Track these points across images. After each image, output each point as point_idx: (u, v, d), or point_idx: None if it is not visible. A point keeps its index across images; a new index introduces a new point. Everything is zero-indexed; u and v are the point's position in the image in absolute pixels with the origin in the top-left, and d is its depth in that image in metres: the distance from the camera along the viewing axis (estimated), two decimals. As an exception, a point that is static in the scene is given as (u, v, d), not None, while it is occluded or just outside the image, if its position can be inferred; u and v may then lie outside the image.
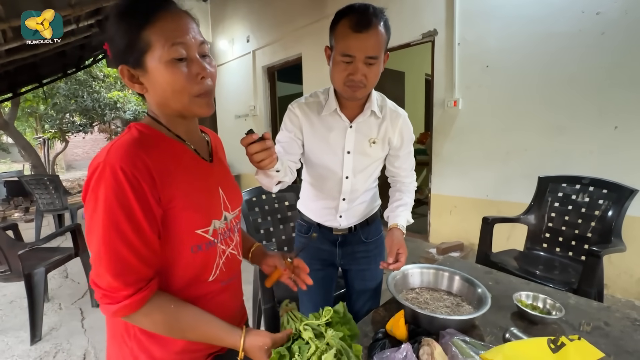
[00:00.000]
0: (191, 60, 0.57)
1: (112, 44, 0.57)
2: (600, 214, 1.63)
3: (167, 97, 0.58)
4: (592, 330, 0.90)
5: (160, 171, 0.55)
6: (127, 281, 0.52)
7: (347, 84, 0.88)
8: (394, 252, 0.97)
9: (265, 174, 0.83)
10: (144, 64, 0.55)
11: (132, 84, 0.58)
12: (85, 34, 3.96)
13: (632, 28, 1.98)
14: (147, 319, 0.55)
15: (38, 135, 11.66)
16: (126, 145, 0.53)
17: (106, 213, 0.50)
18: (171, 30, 0.55)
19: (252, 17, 4.97)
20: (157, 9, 0.55)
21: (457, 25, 2.72)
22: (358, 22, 0.82)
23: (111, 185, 0.50)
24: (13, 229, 2.20)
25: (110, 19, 0.56)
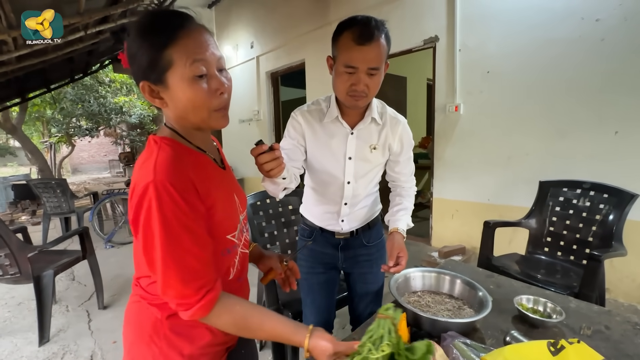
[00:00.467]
0: (211, 76, 0.59)
1: (133, 61, 0.59)
2: (601, 219, 1.64)
3: (188, 111, 0.60)
4: (592, 334, 0.91)
5: (200, 183, 0.59)
6: (195, 287, 0.56)
7: (349, 94, 0.91)
8: (394, 255, 0.99)
9: (272, 181, 0.86)
10: (165, 81, 0.58)
11: (153, 98, 0.60)
12: (93, 40, 4.04)
13: (632, 35, 2.00)
14: (219, 320, 0.59)
15: (45, 139, 11.80)
16: (169, 162, 0.56)
17: (166, 229, 0.53)
18: (192, 48, 0.57)
19: (256, 24, 5.04)
20: (178, 27, 0.57)
21: (457, 31, 2.75)
22: (361, 35, 0.85)
23: (165, 202, 0.53)
24: (22, 231, 2.24)
25: (132, 36, 0.58)
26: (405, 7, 3.13)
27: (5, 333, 2.08)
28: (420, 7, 3.01)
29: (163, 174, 0.54)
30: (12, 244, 1.84)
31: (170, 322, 0.63)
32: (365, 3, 3.44)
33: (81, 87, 8.85)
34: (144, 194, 0.53)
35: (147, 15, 0.59)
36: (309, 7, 4.09)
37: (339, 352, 0.62)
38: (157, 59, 0.56)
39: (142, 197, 0.54)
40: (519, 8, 2.43)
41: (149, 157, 0.58)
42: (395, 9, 3.20)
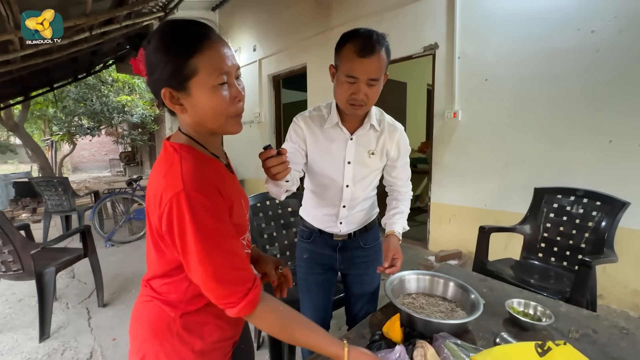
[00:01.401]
0: (230, 85, 0.63)
1: (155, 68, 0.60)
2: (593, 225, 1.67)
3: (207, 118, 0.63)
4: (580, 337, 0.94)
5: (222, 188, 0.62)
6: (236, 287, 0.59)
7: (349, 102, 0.95)
8: (389, 257, 1.02)
9: (275, 183, 0.89)
10: (188, 88, 0.60)
11: (173, 105, 0.62)
12: (97, 41, 4.09)
13: (626, 46, 2.05)
14: (262, 320, 0.62)
15: (46, 137, 11.83)
16: (194, 170, 0.59)
17: (201, 236, 0.56)
18: (216, 58, 0.60)
19: (259, 28, 5.10)
20: (204, 37, 0.60)
21: (457, 39, 2.80)
22: (363, 47, 0.89)
23: (198, 211, 0.56)
24: (25, 229, 2.27)
25: (156, 44, 0.60)
26: (406, 15, 3.18)
27: (7, 329, 2.11)
28: (421, 14, 3.06)
29: (191, 183, 0.57)
30: (16, 241, 1.87)
31: (183, 320, 0.66)
32: (367, 10, 3.50)
33: (84, 86, 8.90)
34: (176, 204, 0.56)
35: (172, 25, 0.61)
36: (312, 12, 4.15)
37: None
38: (182, 67, 0.59)
39: (174, 207, 0.56)
40: (517, 18, 2.49)
41: (172, 166, 0.60)
42: (396, 16, 3.26)
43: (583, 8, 2.18)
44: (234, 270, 0.59)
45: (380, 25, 3.39)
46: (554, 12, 2.30)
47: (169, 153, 0.63)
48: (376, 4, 3.40)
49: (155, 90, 0.63)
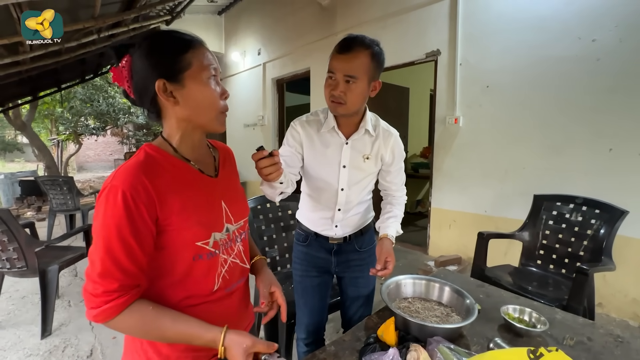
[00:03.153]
0: (217, 82, 0.69)
1: (148, 67, 0.63)
2: (592, 233, 1.67)
3: (199, 110, 0.67)
4: (575, 345, 0.94)
5: (161, 192, 0.62)
6: (110, 288, 0.57)
7: (330, 99, 1.00)
8: (382, 259, 1.04)
9: (270, 185, 0.91)
10: (182, 80, 0.64)
11: (166, 97, 0.64)
12: (105, 43, 4.16)
13: (626, 56, 2.06)
14: (125, 322, 0.59)
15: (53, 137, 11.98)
16: (130, 169, 0.60)
17: (103, 230, 0.57)
18: (206, 57, 0.66)
19: (264, 32, 5.16)
20: (192, 40, 0.67)
21: (459, 46, 2.82)
22: (342, 46, 0.95)
23: (111, 207, 0.57)
24: (30, 227, 2.31)
25: (149, 47, 0.64)
26: (409, 21, 3.21)
27: (9, 325, 2.14)
28: (424, 21, 3.09)
29: (120, 179, 0.59)
30: (21, 238, 1.90)
31: None
32: (370, 16, 3.53)
33: (91, 87, 9.03)
34: (101, 194, 0.59)
35: (161, 32, 0.66)
36: (316, 18, 4.19)
37: (258, 348, 0.62)
38: (177, 61, 0.63)
39: (99, 196, 0.60)
40: (518, 27, 2.51)
41: (125, 163, 0.63)
42: (399, 22, 3.29)
43: (584, 17, 2.20)
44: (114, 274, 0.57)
45: (383, 31, 3.42)
46: (555, 21, 2.32)
47: (137, 151, 0.68)
48: (379, 10, 3.44)
49: (145, 88, 0.64)
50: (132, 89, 0.66)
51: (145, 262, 0.61)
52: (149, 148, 0.67)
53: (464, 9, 2.78)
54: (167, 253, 0.65)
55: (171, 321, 0.61)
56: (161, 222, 0.62)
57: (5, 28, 2.68)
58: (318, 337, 1.25)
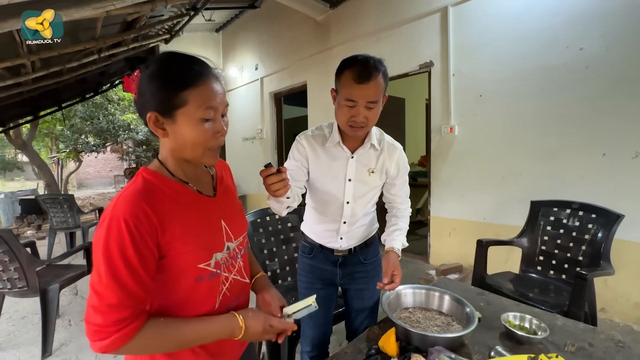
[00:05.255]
0: (215, 120, 0.66)
1: (145, 91, 0.63)
2: (590, 238, 1.68)
3: (186, 147, 0.66)
4: (576, 351, 0.94)
5: (162, 217, 0.62)
6: (122, 316, 0.57)
7: (349, 124, 1.00)
8: (389, 273, 1.05)
9: (277, 200, 0.92)
10: (174, 116, 0.63)
11: (156, 128, 0.65)
12: (105, 62, 4.26)
13: (613, 63, 2.11)
14: (140, 343, 0.59)
15: (53, 155, 12.05)
16: (130, 197, 0.60)
17: (107, 260, 0.56)
18: (207, 95, 0.64)
19: (261, 47, 5.27)
20: (199, 74, 0.63)
21: (451, 57, 2.89)
22: (360, 74, 0.94)
23: (115, 237, 0.57)
24: (31, 246, 2.31)
25: (153, 70, 0.63)
26: (402, 34, 3.30)
27: (9, 346, 2.12)
28: (416, 34, 3.18)
29: (121, 208, 0.58)
30: (22, 258, 1.91)
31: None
32: (364, 30, 3.63)
33: (91, 105, 9.15)
34: (101, 223, 0.59)
35: (172, 56, 0.65)
36: (311, 32, 4.30)
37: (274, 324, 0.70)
38: (172, 96, 0.62)
39: (100, 225, 0.59)
40: (507, 37, 2.58)
41: (123, 190, 0.63)
42: (392, 36, 3.38)
43: (570, 27, 2.27)
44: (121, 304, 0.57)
45: (377, 44, 3.51)
46: (544, 31, 2.39)
47: (133, 178, 0.67)
48: (373, 24, 3.53)
49: (141, 111, 0.66)
50: (136, 103, 0.67)
51: (151, 285, 0.62)
52: (146, 173, 0.67)
53: (455, 22, 2.87)
54: (168, 276, 0.65)
55: (186, 325, 0.64)
56: (163, 247, 0.63)
57: (8, 51, 2.76)
58: (323, 350, 1.25)
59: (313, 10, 4.06)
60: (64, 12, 2.13)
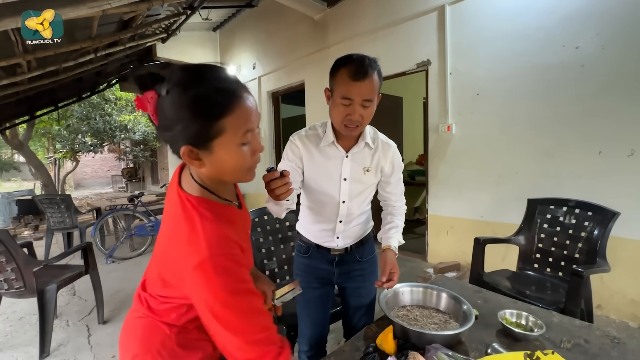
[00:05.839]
0: (252, 139, 0.63)
1: (175, 124, 0.57)
2: (586, 235, 1.69)
3: (225, 173, 0.63)
4: (572, 347, 0.95)
5: (238, 238, 0.62)
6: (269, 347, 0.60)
7: (345, 123, 1.00)
8: (387, 271, 1.06)
9: (276, 202, 0.92)
10: (210, 147, 0.59)
11: (191, 160, 0.60)
12: (102, 62, 4.24)
13: (609, 61, 2.12)
14: None
15: (49, 155, 11.99)
16: (216, 234, 0.59)
17: (229, 302, 0.57)
18: (244, 117, 0.59)
19: (259, 46, 5.26)
20: (232, 98, 0.58)
21: (448, 56, 2.90)
22: (356, 72, 0.94)
23: (224, 277, 0.56)
24: (28, 246, 2.30)
25: (179, 100, 0.56)
26: (399, 33, 3.30)
27: (7, 347, 2.11)
28: (413, 33, 3.18)
29: (216, 247, 0.57)
30: (19, 258, 1.90)
31: (178, 337, 0.68)
32: (362, 29, 3.63)
33: (88, 105, 9.11)
34: (202, 272, 0.56)
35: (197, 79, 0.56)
36: (309, 32, 4.29)
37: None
38: (208, 128, 0.57)
39: (200, 275, 0.56)
40: (504, 36, 2.58)
41: (193, 230, 0.59)
42: (389, 35, 3.38)
43: (567, 26, 2.28)
44: (264, 331, 0.59)
45: (374, 43, 3.51)
46: (540, 30, 2.39)
47: (187, 210, 0.61)
48: (370, 23, 3.53)
49: (169, 142, 0.61)
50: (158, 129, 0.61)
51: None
52: (202, 204, 0.62)
53: (452, 20, 2.87)
54: None
55: None
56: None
57: (3, 50, 2.74)
58: (320, 348, 1.26)
59: (310, 9, 4.06)
60: (59, 11, 2.12)
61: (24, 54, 2.81)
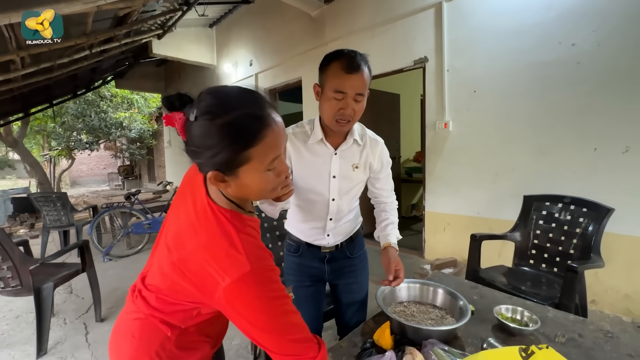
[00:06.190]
0: (278, 164, 0.63)
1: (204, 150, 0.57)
2: (581, 232, 1.71)
3: (250, 195, 0.65)
4: (566, 342, 0.97)
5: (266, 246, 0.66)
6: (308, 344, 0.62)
7: (336, 119, 0.99)
8: (392, 269, 1.05)
9: (271, 203, 0.92)
10: (236, 173, 0.59)
11: (217, 182, 0.61)
12: (97, 58, 4.20)
13: (605, 59, 2.13)
14: None
15: (45, 152, 11.89)
16: (254, 247, 0.61)
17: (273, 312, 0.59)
18: (271, 146, 0.59)
19: (255, 43, 5.23)
20: (263, 128, 0.57)
21: (445, 53, 2.90)
22: (349, 64, 0.94)
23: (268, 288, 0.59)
24: (24, 245, 2.29)
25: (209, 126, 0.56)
26: (396, 30, 3.29)
27: (4, 346, 2.10)
28: (411, 30, 3.17)
29: (257, 261, 0.59)
30: (15, 256, 1.89)
31: (178, 339, 0.68)
32: (359, 25, 3.62)
33: (83, 102, 9.03)
34: (246, 284, 0.58)
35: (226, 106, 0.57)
36: (306, 28, 4.27)
37: None
38: (236, 157, 0.57)
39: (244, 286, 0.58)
40: (501, 33, 2.59)
41: (233, 245, 0.60)
42: (386, 31, 3.37)
43: (563, 23, 2.28)
44: (303, 331, 0.63)
45: (372, 40, 3.50)
46: (537, 27, 2.40)
47: (222, 223, 0.62)
48: (367, 20, 3.52)
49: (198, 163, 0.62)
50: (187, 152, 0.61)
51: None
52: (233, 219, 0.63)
53: (449, 17, 2.87)
54: None
55: None
56: None
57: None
58: None
59: (307, 6, 4.03)
60: (53, 7, 2.10)
61: (18, 50, 2.78)
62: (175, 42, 5.42)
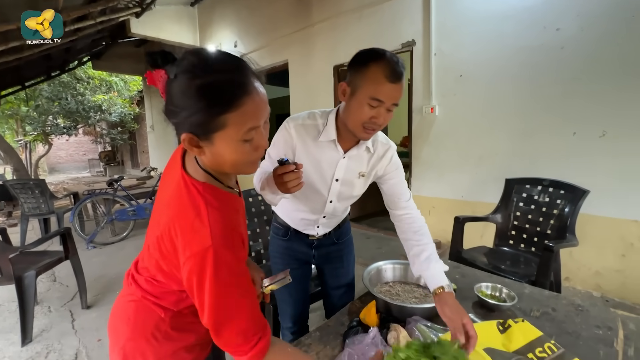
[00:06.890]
0: (256, 135, 0.60)
1: (179, 110, 0.56)
2: (558, 213, 1.79)
3: (224, 165, 0.62)
4: (540, 315, 1.03)
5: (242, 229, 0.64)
6: (247, 337, 0.60)
7: (365, 126, 0.90)
8: (459, 325, 0.82)
9: (273, 191, 0.89)
10: (212, 138, 0.57)
11: (191, 147, 0.59)
12: (71, 37, 3.96)
13: (587, 44, 2.17)
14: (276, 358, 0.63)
15: (19, 138, 11.34)
16: (222, 222, 0.59)
17: (220, 292, 0.57)
18: (249, 116, 0.56)
19: (240, 24, 5.05)
20: (242, 93, 0.55)
21: (433, 37, 2.88)
22: (392, 72, 0.84)
23: (221, 268, 0.57)
24: (2, 233, 2.21)
25: (186, 87, 0.54)
26: (384, 12, 3.23)
27: (-14, 335, 2.07)
28: (399, 12, 3.13)
29: (220, 238, 0.57)
30: (-7, 245, 1.83)
31: (172, 321, 0.69)
32: (347, 7, 3.53)
33: (58, 84, 8.57)
34: (201, 259, 0.56)
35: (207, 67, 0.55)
36: (292, 9, 4.14)
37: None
38: (210, 120, 0.55)
39: (198, 261, 0.56)
40: (488, 17, 2.58)
41: (198, 216, 0.58)
42: (374, 13, 3.31)
43: (548, 7, 2.29)
44: (247, 322, 0.60)
45: (359, 22, 3.43)
46: (524, 11, 2.40)
47: (193, 196, 0.61)
48: (355, 1, 3.44)
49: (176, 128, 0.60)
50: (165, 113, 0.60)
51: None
52: (207, 190, 0.62)
53: (437, 0, 2.83)
54: None
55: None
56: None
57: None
58: (303, 324, 1.29)
59: (293, -16, 3.90)
60: (19, -21, 1.95)
61: (-18, 28, 2.59)
62: (154, 21, 5.16)
